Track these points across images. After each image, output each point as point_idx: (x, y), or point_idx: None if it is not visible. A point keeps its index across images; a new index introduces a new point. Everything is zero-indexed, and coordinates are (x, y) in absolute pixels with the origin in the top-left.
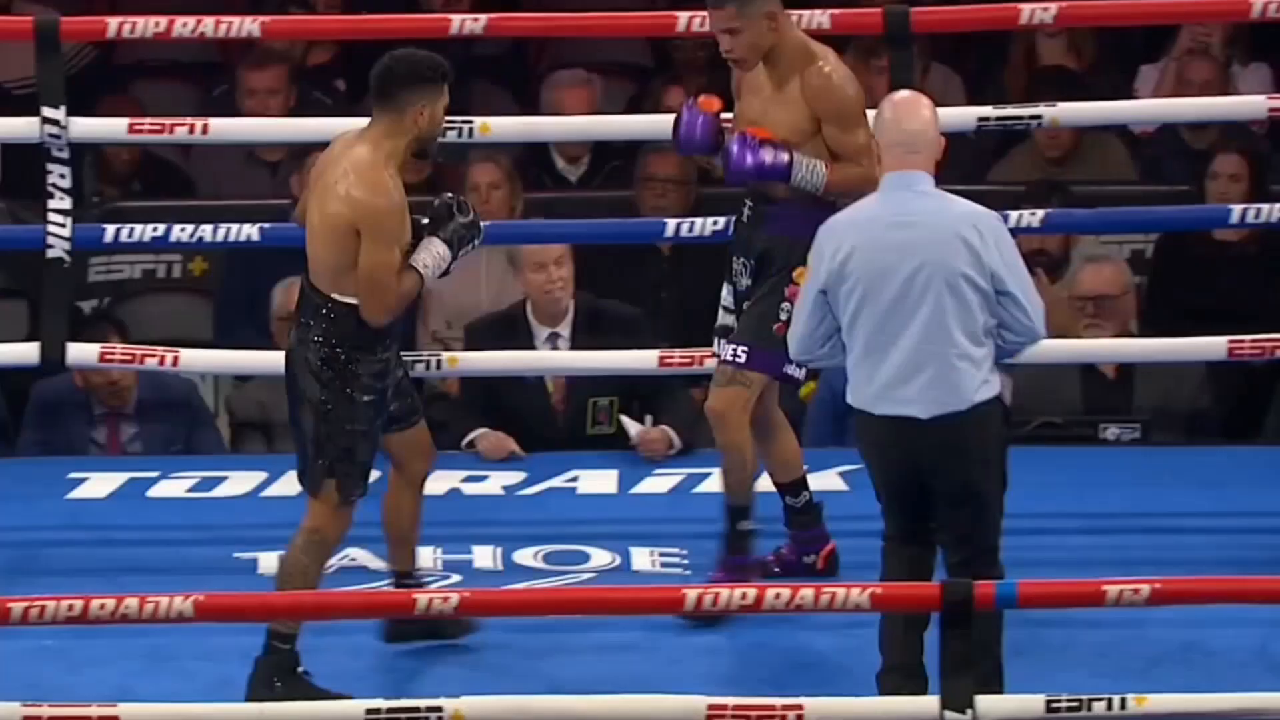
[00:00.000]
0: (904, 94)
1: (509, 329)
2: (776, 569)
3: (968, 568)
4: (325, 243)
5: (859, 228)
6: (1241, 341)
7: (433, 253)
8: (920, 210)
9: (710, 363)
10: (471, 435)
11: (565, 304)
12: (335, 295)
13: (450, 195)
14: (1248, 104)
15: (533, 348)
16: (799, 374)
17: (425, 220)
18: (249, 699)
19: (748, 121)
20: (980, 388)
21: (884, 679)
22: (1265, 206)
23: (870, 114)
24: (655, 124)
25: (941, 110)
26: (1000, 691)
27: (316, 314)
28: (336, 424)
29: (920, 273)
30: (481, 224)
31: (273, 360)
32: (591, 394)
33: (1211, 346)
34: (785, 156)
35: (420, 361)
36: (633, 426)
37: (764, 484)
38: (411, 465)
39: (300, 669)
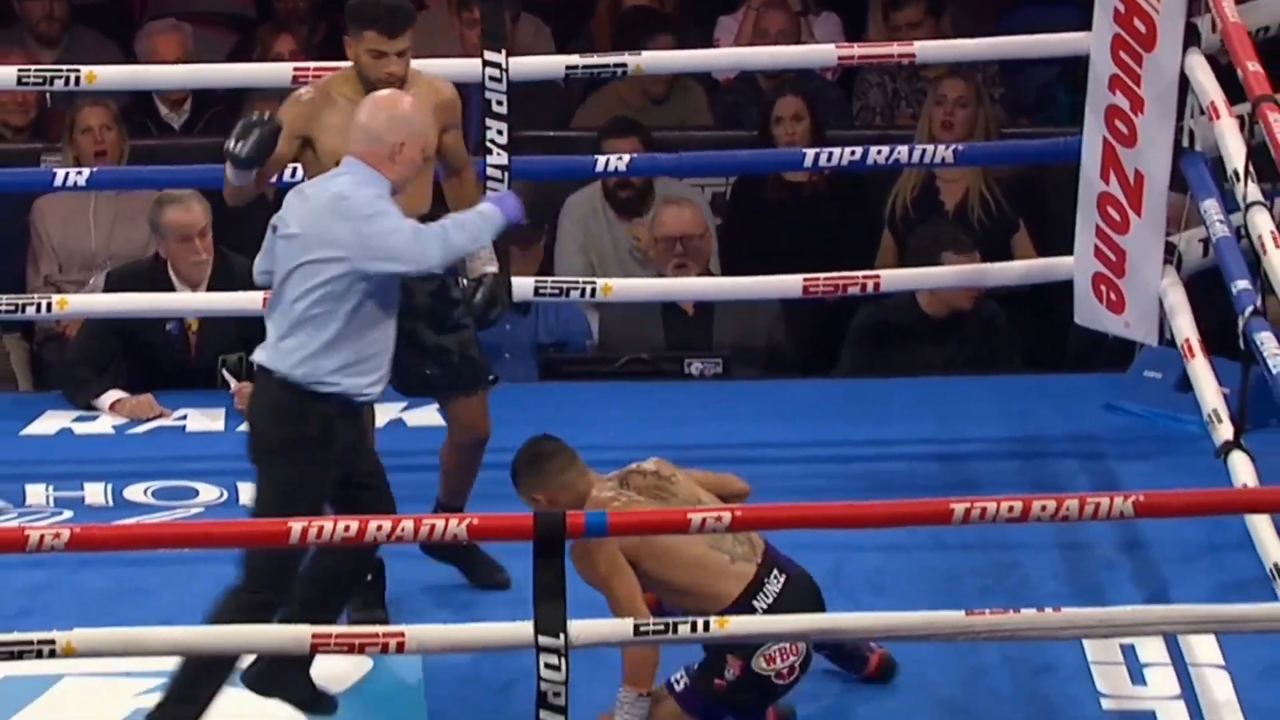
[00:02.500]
0: (382, 92)
1: (151, 281)
2: None
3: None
4: None
5: (294, 192)
6: (815, 279)
7: None
8: (314, 191)
9: None
10: (107, 399)
11: (207, 270)
12: None
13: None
14: (820, 52)
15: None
16: None
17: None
18: None
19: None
20: (302, 364)
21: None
22: (836, 150)
23: None
24: (256, 72)
25: (532, 59)
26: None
27: None
28: None
29: (299, 235)
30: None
31: None
32: (220, 351)
33: (787, 284)
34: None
35: (31, 304)
36: (232, 380)
37: None
38: (452, 434)
39: None
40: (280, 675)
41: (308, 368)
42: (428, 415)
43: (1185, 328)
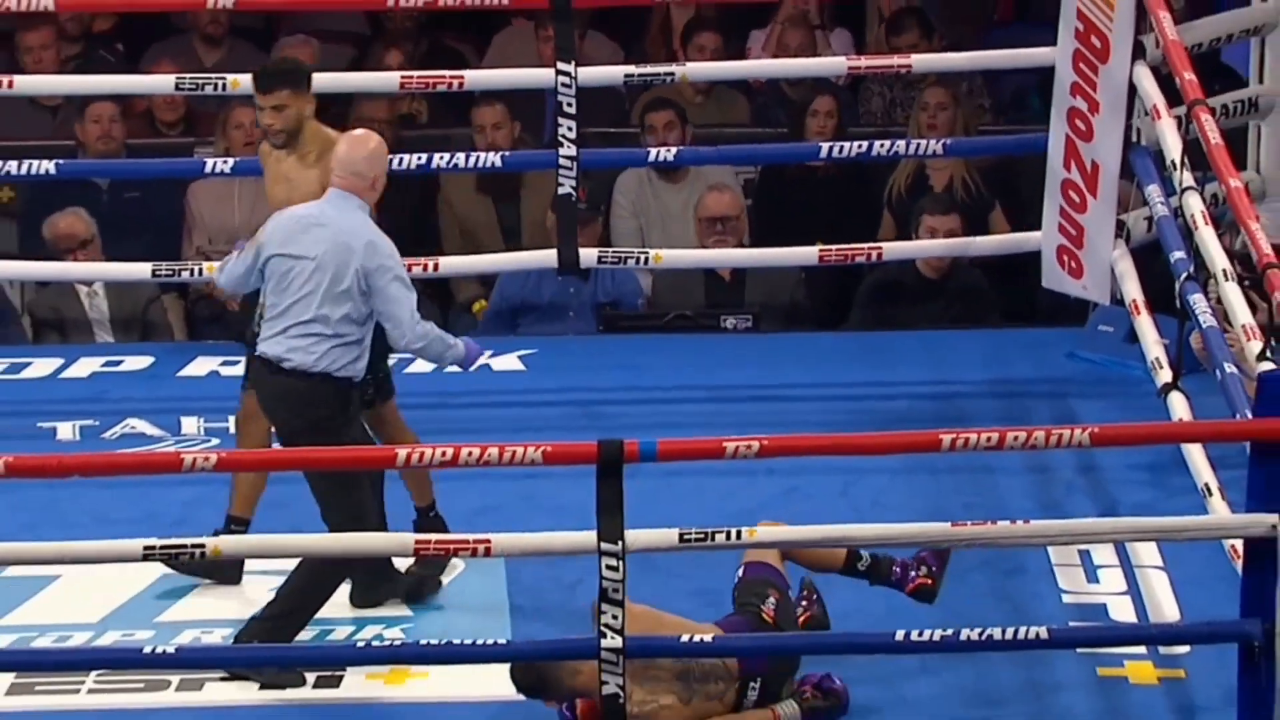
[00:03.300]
0: (355, 132)
1: None
2: None
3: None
4: None
5: (288, 220)
6: (829, 250)
7: None
8: (332, 218)
9: None
10: None
11: None
12: None
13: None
14: (833, 64)
15: None
16: None
17: None
18: None
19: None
20: (323, 359)
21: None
22: (847, 144)
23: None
24: (370, 80)
25: (596, 69)
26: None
27: None
28: None
29: (314, 260)
30: None
31: (63, 270)
32: None
33: (806, 254)
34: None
35: (186, 270)
36: None
37: None
38: None
39: None
40: (376, 586)
41: (327, 361)
42: (509, 361)
43: (1132, 290)
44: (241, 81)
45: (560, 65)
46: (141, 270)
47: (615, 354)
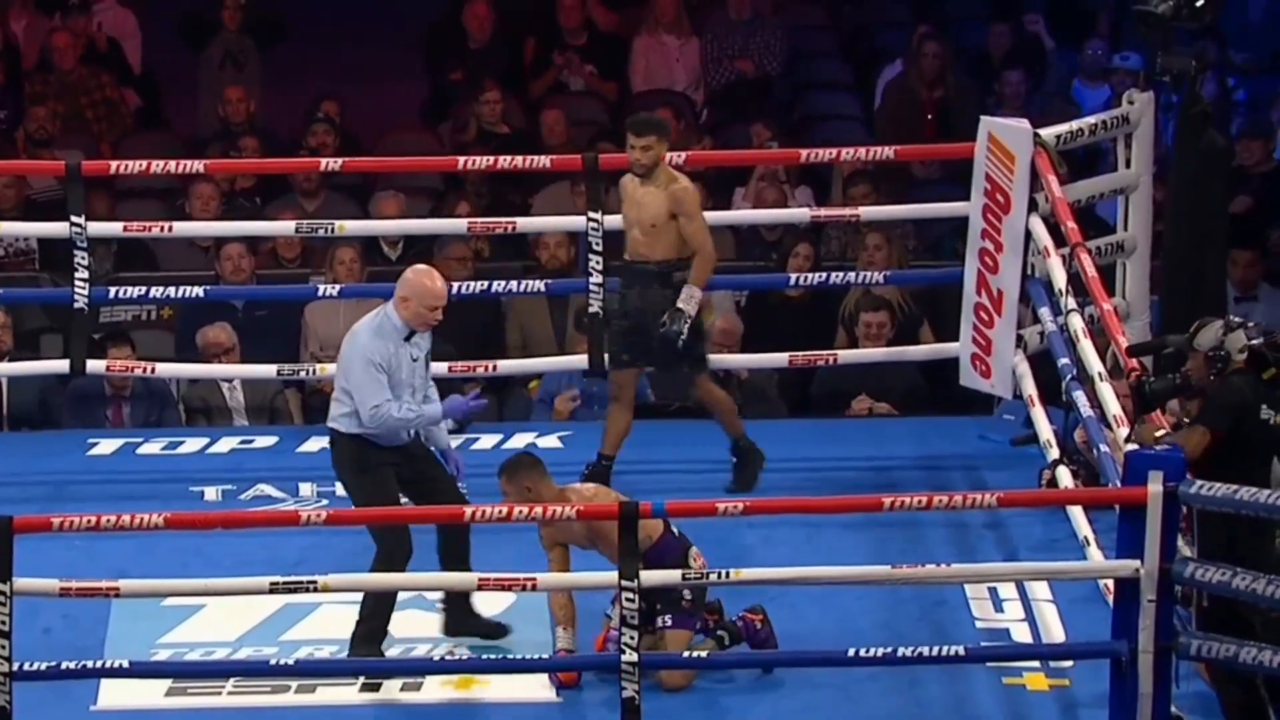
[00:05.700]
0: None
1: None
2: None
3: None
4: None
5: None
6: (797, 355)
7: None
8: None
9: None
10: None
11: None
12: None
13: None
14: (798, 213)
15: None
16: None
17: None
18: None
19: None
20: (339, 420)
21: None
22: (812, 275)
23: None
24: (443, 225)
25: (618, 216)
26: None
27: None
28: None
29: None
30: None
31: (210, 370)
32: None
33: (779, 359)
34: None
35: (303, 370)
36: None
37: None
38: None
39: None
40: (464, 620)
41: (342, 424)
42: (551, 440)
43: (1029, 388)
44: (345, 226)
45: (590, 213)
46: (269, 370)
47: (632, 435)
